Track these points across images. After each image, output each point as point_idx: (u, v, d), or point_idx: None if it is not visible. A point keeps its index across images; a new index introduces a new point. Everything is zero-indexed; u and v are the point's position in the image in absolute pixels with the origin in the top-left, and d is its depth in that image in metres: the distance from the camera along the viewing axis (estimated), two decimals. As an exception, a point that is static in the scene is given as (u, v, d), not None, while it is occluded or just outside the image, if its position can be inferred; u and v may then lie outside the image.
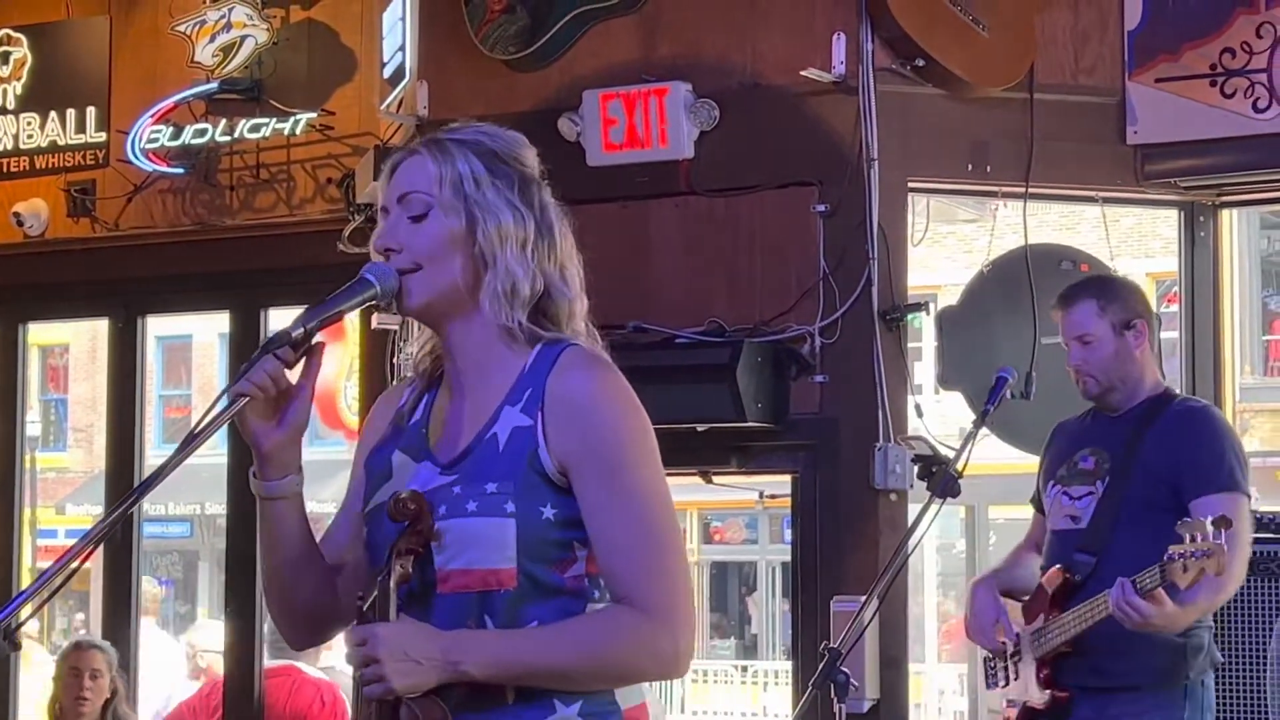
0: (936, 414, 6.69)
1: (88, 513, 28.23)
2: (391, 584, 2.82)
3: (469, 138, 3.02)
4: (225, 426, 2.95)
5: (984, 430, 5.47)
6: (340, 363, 25.76)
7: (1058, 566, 5.36)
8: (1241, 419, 13.27)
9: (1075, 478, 5.45)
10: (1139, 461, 5.33)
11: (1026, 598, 5.57)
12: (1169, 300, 19.06)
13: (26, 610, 2.84)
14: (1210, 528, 4.86)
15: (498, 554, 2.83)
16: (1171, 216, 7.51)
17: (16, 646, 2.86)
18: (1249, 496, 5.32)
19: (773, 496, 7.47)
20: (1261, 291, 22.90)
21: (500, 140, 3.04)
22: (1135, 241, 18.49)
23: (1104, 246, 7.53)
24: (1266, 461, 22.13)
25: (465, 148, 2.99)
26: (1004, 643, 5.48)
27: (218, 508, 25.93)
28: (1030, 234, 7.03)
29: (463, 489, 2.87)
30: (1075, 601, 5.26)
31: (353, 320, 8.40)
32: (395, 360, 8.17)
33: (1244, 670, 5.81)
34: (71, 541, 2.79)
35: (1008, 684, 5.53)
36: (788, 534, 25.83)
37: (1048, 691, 5.35)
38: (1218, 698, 5.58)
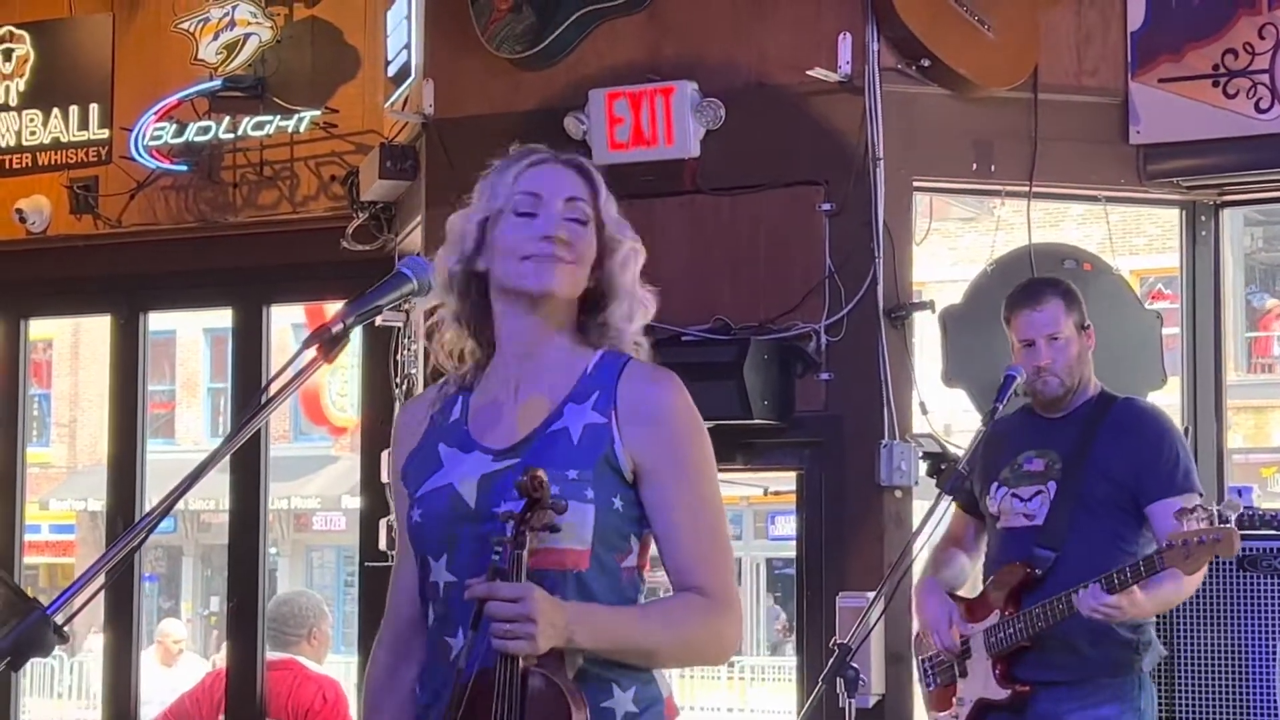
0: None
1: (71, 508, 28.20)
2: (525, 554, 2.94)
3: (597, 169, 3.22)
4: (229, 423, 3.02)
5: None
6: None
7: (1018, 561, 5.39)
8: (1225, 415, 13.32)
9: (1022, 479, 5.48)
10: (1092, 462, 5.38)
11: (966, 594, 5.63)
12: (1153, 297, 19.16)
13: (77, 602, 2.88)
14: (1215, 512, 4.95)
15: (576, 537, 3.02)
16: (1157, 215, 7.52)
17: (65, 639, 2.89)
18: (1201, 495, 5.39)
19: (777, 493, 7.49)
20: (1245, 288, 22.99)
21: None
22: (1120, 239, 18.54)
23: (1089, 244, 7.59)
24: (1249, 458, 22.22)
25: (600, 175, 3.20)
26: (958, 642, 5.51)
27: (201, 503, 26.07)
28: (1015, 233, 7.09)
29: (545, 473, 2.98)
30: (1036, 596, 5.31)
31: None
32: (399, 356, 8.21)
33: (1249, 666, 5.86)
34: (57, 538, 2.84)
35: (951, 683, 5.57)
36: (772, 530, 25.72)
37: (1010, 687, 5.39)
38: (1221, 692, 5.75)
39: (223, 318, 9.24)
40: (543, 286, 3.10)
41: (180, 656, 14.00)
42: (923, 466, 6.61)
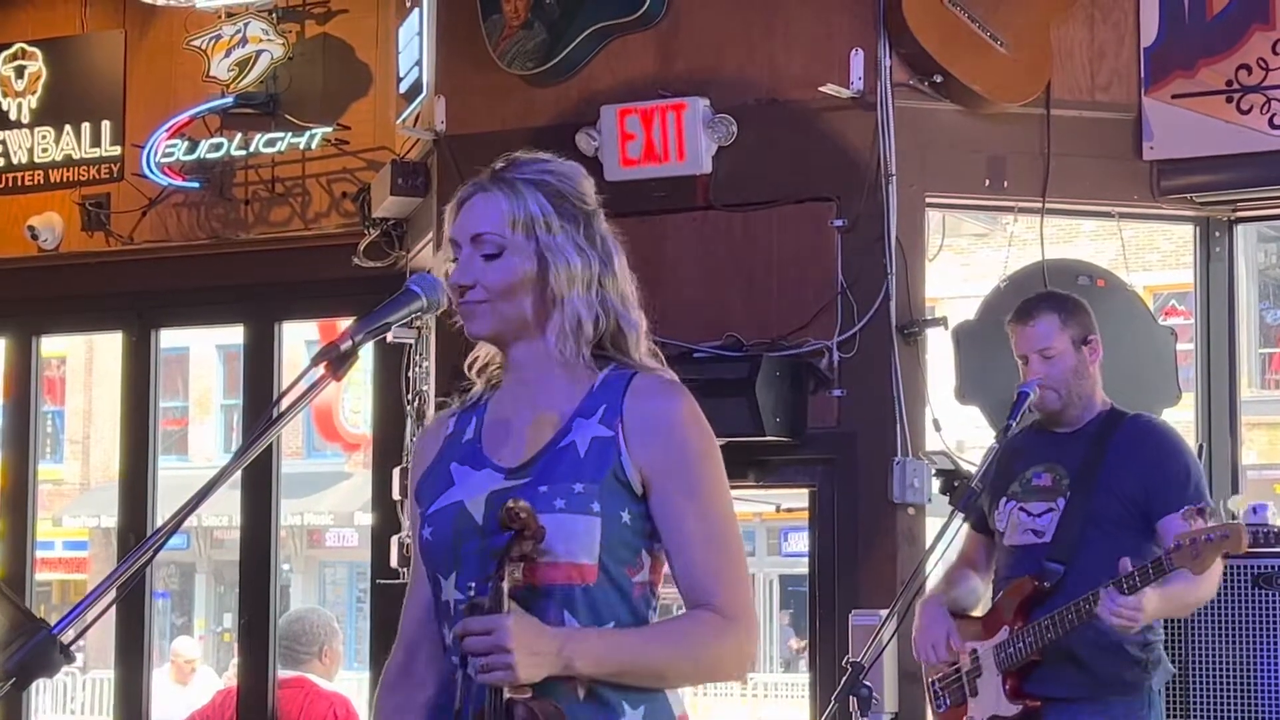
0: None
1: (84, 525, 28.21)
2: (505, 586, 2.91)
3: (537, 177, 3.12)
4: (241, 439, 3.01)
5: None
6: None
7: (1027, 575, 5.35)
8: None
9: (1032, 494, 5.44)
10: (1102, 478, 5.35)
11: (977, 613, 5.59)
12: (1165, 314, 19.14)
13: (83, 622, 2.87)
14: (1222, 512, 4.95)
15: (584, 550, 2.99)
16: (1170, 231, 7.48)
17: (71, 659, 2.87)
18: (1212, 508, 5.38)
19: (789, 510, 7.48)
20: (1259, 305, 22.94)
21: (565, 179, 3.14)
22: (1132, 255, 18.49)
23: (1102, 260, 7.58)
24: (1264, 474, 22.18)
25: (535, 189, 3.10)
26: (954, 658, 5.48)
27: (214, 519, 26.08)
28: (1028, 249, 7.08)
29: (549, 488, 3.01)
30: (1044, 610, 5.27)
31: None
32: (410, 374, 8.20)
33: (1264, 683, 5.83)
34: (70, 554, 2.82)
35: (962, 703, 5.52)
36: (784, 547, 25.67)
37: (1021, 702, 5.35)
38: (1235, 709, 5.76)
39: (235, 334, 9.25)
40: (471, 333, 3.14)
41: (194, 674, 14.01)
42: (936, 484, 6.59)
